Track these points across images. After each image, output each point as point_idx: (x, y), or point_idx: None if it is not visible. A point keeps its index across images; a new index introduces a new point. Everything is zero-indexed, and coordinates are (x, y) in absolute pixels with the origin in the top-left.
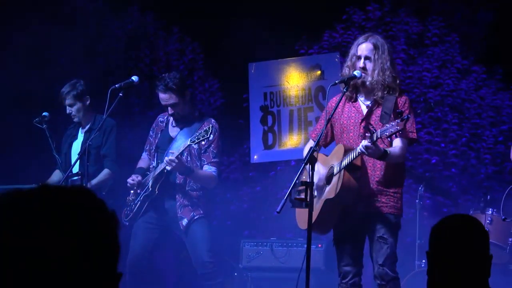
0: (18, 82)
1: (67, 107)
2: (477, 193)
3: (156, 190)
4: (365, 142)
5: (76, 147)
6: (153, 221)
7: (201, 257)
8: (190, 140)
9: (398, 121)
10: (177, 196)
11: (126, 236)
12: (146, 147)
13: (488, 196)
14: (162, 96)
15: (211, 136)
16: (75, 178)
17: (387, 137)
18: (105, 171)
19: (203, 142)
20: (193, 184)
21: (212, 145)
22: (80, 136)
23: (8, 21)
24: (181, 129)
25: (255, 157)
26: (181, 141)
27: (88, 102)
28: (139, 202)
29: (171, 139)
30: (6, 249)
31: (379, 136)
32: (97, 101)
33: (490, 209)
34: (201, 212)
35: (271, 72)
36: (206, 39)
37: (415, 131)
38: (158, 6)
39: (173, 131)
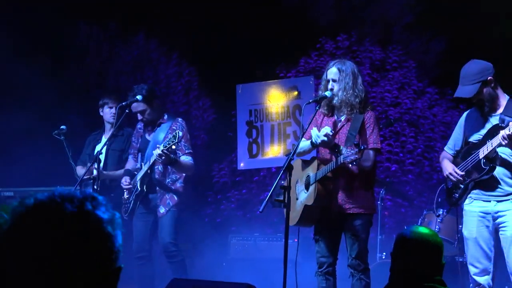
0: (41, 96)
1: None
2: (430, 196)
3: (144, 188)
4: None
5: (98, 149)
6: (145, 210)
7: (164, 239)
8: (163, 146)
9: (357, 150)
10: (157, 189)
11: (129, 227)
12: (131, 151)
13: (439, 199)
14: (134, 105)
15: (178, 137)
16: (88, 181)
17: (348, 163)
18: (122, 171)
19: (173, 147)
20: (173, 175)
21: (183, 140)
22: (104, 140)
23: (31, 44)
24: (154, 131)
25: (242, 164)
26: (153, 142)
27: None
28: (133, 201)
29: (148, 142)
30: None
31: (341, 161)
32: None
33: (441, 209)
34: (176, 201)
35: (255, 92)
36: (200, 64)
37: (379, 142)
38: (160, 35)
39: (149, 135)
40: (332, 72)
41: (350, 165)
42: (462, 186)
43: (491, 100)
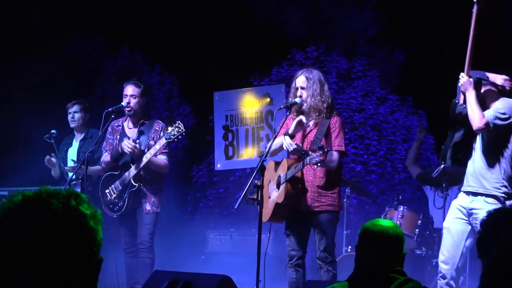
0: (37, 103)
1: (73, 113)
2: (392, 194)
3: (139, 185)
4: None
5: (72, 152)
6: (133, 206)
7: (144, 237)
8: (165, 139)
9: (321, 152)
10: (144, 186)
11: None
12: (106, 147)
13: (400, 196)
14: (129, 87)
15: (181, 132)
16: (75, 182)
17: (313, 164)
18: (99, 167)
19: (176, 140)
20: (151, 176)
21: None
22: (75, 144)
23: (27, 57)
24: (136, 127)
25: (218, 165)
26: (143, 138)
27: (87, 117)
28: (127, 198)
29: (129, 139)
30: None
31: (307, 163)
32: (94, 120)
33: (401, 206)
34: (159, 200)
35: (231, 99)
36: (181, 73)
37: (343, 145)
38: (144, 47)
39: (129, 132)
40: (301, 80)
41: (316, 166)
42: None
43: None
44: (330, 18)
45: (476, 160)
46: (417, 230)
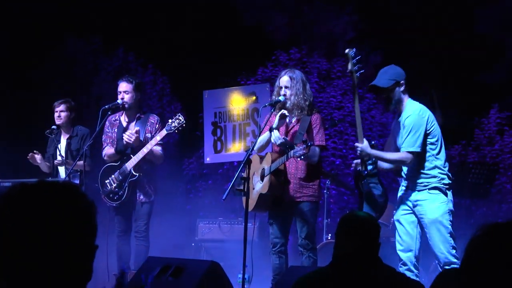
0: (38, 101)
1: (59, 112)
2: None
3: (139, 174)
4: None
5: (61, 149)
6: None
7: (140, 226)
8: (166, 130)
9: (305, 146)
10: (141, 176)
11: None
12: (106, 140)
13: None
14: (122, 84)
15: (182, 123)
16: (75, 174)
17: (296, 157)
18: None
19: (176, 131)
20: (147, 167)
21: (158, 132)
22: (63, 141)
23: (26, 58)
24: (133, 121)
25: (208, 159)
26: (140, 131)
27: (73, 116)
28: (127, 187)
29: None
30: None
31: (291, 156)
32: (92, 116)
33: None
34: (154, 191)
35: (219, 97)
36: (172, 73)
37: (324, 140)
38: (137, 48)
39: (127, 125)
40: (285, 80)
41: (299, 159)
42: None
43: (399, 101)
44: (311, 22)
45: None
46: (392, 219)
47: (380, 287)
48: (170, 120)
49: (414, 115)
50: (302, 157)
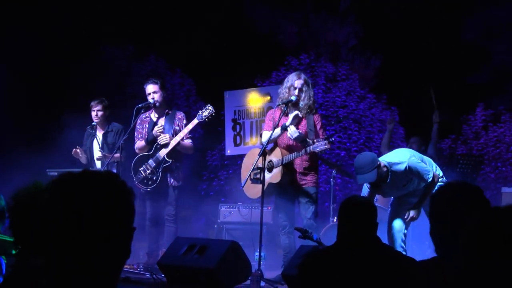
0: (79, 99)
1: (97, 111)
2: None
3: (170, 160)
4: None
5: (97, 143)
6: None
7: (170, 210)
8: (197, 119)
9: (327, 142)
10: (172, 163)
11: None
12: (138, 135)
13: None
14: (149, 86)
15: (211, 112)
16: (113, 164)
17: (318, 152)
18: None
19: (207, 120)
20: (177, 155)
21: (185, 126)
22: (99, 136)
23: (67, 65)
24: (162, 117)
25: (228, 151)
26: (168, 125)
27: (108, 113)
28: (160, 173)
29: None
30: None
31: (311, 150)
32: (127, 113)
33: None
34: (182, 177)
35: (238, 97)
36: (198, 76)
37: (325, 135)
38: (167, 55)
39: (157, 121)
40: (301, 83)
41: (318, 153)
42: None
43: (387, 173)
44: (318, 30)
45: None
46: (389, 204)
47: (378, 261)
48: (200, 111)
49: (406, 160)
50: (320, 151)
